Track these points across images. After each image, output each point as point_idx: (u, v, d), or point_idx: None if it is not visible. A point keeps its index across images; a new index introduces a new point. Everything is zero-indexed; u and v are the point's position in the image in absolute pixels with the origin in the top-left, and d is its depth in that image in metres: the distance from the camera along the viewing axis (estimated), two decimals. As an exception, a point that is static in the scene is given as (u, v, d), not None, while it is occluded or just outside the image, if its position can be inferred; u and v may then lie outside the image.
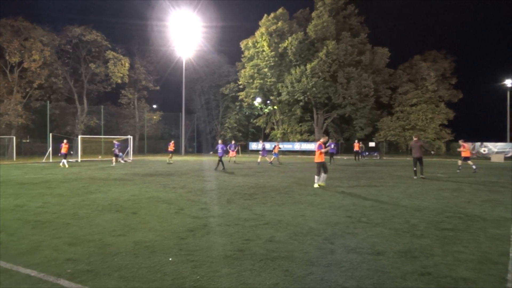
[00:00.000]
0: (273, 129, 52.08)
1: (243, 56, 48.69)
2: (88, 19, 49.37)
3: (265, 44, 45.19)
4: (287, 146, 46.77)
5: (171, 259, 4.56)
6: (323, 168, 12.10)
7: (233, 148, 27.61)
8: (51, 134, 32.14)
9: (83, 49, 42.66)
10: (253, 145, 50.79)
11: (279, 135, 48.82)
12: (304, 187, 12.09)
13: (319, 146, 12.17)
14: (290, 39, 43.94)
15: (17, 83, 37.28)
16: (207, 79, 53.38)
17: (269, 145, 36.29)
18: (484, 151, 40.08)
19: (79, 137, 32.35)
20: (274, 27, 45.35)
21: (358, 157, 32.02)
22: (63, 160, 22.71)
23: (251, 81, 47.13)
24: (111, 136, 33.94)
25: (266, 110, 51.81)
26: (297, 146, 46.63)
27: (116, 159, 25.48)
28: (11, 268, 4.24)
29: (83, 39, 41.78)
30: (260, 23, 47.06)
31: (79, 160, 29.76)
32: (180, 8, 44.79)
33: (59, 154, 24.17)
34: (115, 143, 26.12)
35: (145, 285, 3.75)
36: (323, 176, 12.14)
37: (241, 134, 55.16)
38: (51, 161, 28.19)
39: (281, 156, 34.29)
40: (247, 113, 53.76)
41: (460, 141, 20.84)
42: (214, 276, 4.00)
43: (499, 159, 33.97)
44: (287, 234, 5.85)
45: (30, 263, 4.37)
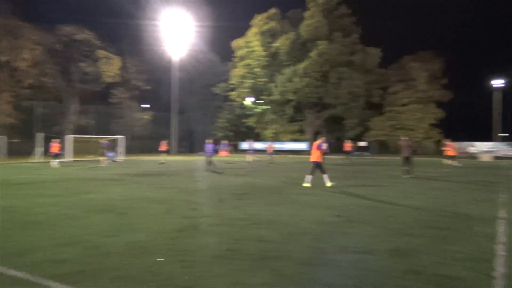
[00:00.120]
0: (264, 128, 52.14)
1: (235, 55, 48.70)
2: (79, 18, 48.98)
3: (257, 44, 45.26)
4: (278, 145, 46.86)
5: (162, 259, 4.55)
6: (320, 169, 12.07)
7: (225, 148, 27.59)
8: (39, 133, 31.79)
9: (74, 48, 42.26)
10: (245, 145, 50.85)
11: (270, 135, 48.87)
12: (295, 187, 12.13)
13: (319, 145, 12.17)
14: (282, 39, 44.05)
15: (6, 82, 36.81)
16: (198, 78, 53.27)
17: (261, 145, 36.28)
18: (473, 150, 40.58)
19: (67, 136, 32.01)
20: (266, 27, 45.45)
21: (349, 157, 32.16)
22: (54, 160, 22.50)
23: (243, 80, 47.14)
24: (102, 136, 33.67)
25: (257, 110, 51.88)
26: (289, 145, 46.76)
27: (104, 159, 25.21)
28: (0, 270, 4.19)
29: (74, 38, 41.41)
30: (252, 23, 47.12)
31: (67, 160, 29.47)
32: (171, 7, 44.69)
33: (49, 154, 23.93)
34: (103, 142, 25.90)
35: (137, 285, 3.74)
36: (325, 176, 12.07)
37: (232, 133, 55.15)
38: (42, 161, 27.91)
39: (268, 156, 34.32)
40: (239, 113, 53.75)
41: (445, 140, 21.13)
42: (204, 276, 4.00)
43: (488, 158, 34.43)
44: (278, 233, 5.86)
45: (20, 265, 4.32)
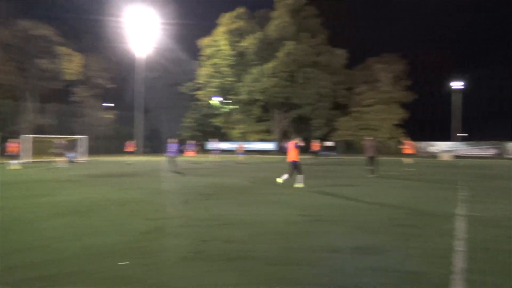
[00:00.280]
0: (231, 128, 52.04)
1: (202, 54, 48.33)
2: (39, 14, 46.93)
3: (225, 43, 45.11)
4: (245, 145, 46.87)
5: (126, 262, 4.43)
6: (297, 169, 12.08)
7: (192, 148, 27.33)
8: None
9: (31, 44, 40.54)
10: (212, 145, 50.58)
11: (237, 135, 48.85)
12: (264, 187, 12.16)
13: (295, 144, 12.20)
14: (249, 38, 44.13)
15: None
16: (165, 77, 52.50)
17: (228, 145, 36.15)
18: (433, 149, 42.23)
19: (25, 136, 30.68)
20: (233, 26, 45.38)
21: (317, 157, 32.63)
22: (12, 161, 21.57)
23: (210, 80, 46.88)
24: (62, 135, 32.52)
25: (224, 109, 51.72)
26: (256, 145, 46.87)
27: (62, 159, 24.26)
28: None
29: (31, 34, 39.74)
30: (219, 22, 46.92)
31: (25, 161, 28.22)
32: (136, 3, 43.76)
33: (6, 154, 22.87)
34: (59, 142, 24.96)
35: (97, 291, 3.63)
36: (300, 177, 12.01)
37: (199, 133, 54.69)
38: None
39: (236, 156, 34.32)
40: (206, 113, 53.39)
41: (404, 139, 21.88)
42: (170, 279, 3.93)
43: (448, 157, 35.90)
44: (245, 234, 5.85)
45: (-31, 272, 4.09)
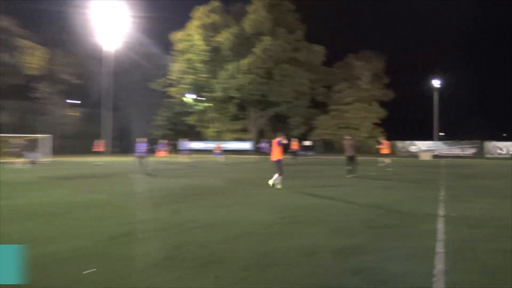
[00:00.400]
0: (205, 127, 51.79)
1: (174, 49, 47.83)
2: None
3: (198, 37, 44.77)
4: (220, 144, 46.72)
5: (93, 269, 4.33)
6: (278, 167, 12.00)
7: (163, 147, 27.05)
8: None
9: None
10: (182, 145, 50.10)
11: (212, 134, 48.65)
12: (239, 188, 12.15)
13: (278, 142, 12.18)
14: (224, 33, 43.97)
15: None
16: (135, 73, 51.63)
17: (202, 145, 35.92)
18: (413, 149, 43.20)
19: None
20: (208, 20, 45.11)
21: (295, 157, 32.79)
22: None
23: (183, 76, 46.49)
24: (22, 135, 31.54)
25: (198, 107, 51.39)
26: (231, 145, 46.79)
27: (21, 160, 23.49)
28: None
29: (-12, 25, 38.41)
30: (193, 15, 46.55)
31: None
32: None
33: None
34: (19, 142, 24.20)
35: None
36: (278, 177, 12.02)
37: (172, 132, 54.12)
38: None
39: (211, 156, 34.12)
40: (179, 110, 52.92)
41: (380, 139, 22.31)
42: (140, 286, 3.87)
43: (427, 157, 36.81)
44: (220, 238, 5.82)
45: None
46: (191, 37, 45.52)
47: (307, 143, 45.63)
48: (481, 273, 4.30)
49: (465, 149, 41.27)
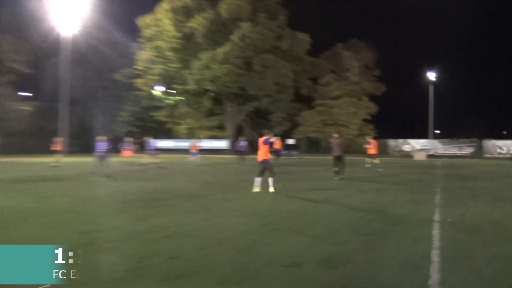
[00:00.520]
0: (176, 123, 51.46)
1: (141, 36, 47.31)
2: None
3: (169, 22, 44.39)
4: (200, 144, 46.56)
5: (46, 285, 4.24)
6: (268, 169, 12.08)
7: (129, 146, 26.74)
8: None
9: None
10: (148, 143, 49.62)
11: (183, 131, 48.37)
12: (213, 192, 12.10)
13: (265, 140, 12.16)
14: (198, 18, 43.73)
15: None
16: (95, 62, 50.88)
17: (172, 143, 35.61)
18: (407, 148, 43.92)
19: None
20: (179, 3, 44.78)
21: (277, 157, 32.86)
22: None
23: (151, 66, 46.06)
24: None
25: (168, 101, 51.00)
26: (206, 143, 46.61)
27: None
28: None
29: None
30: (162, -3, 46.15)
31: None
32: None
33: None
34: None
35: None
36: (259, 180, 12.05)
37: (138, 129, 53.57)
38: None
39: (184, 156, 34.00)
40: (146, 104, 52.43)
41: (367, 137, 22.61)
42: (101, 303, 3.81)
43: (421, 156, 37.48)
44: (192, 248, 5.78)
45: None
46: (160, 22, 45.08)
47: (290, 141, 45.80)
48: (480, 282, 4.38)
49: (462, 148, 42.19)
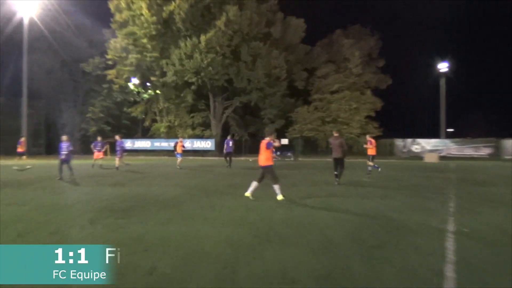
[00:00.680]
0: (155, 121, 51.27)
1: (113, 20, 47.06)
2: None
3: (144, 6, 44.19)
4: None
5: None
6: (272, 175, 12.00)
7: (100, 147, 26.58)
8: None
9: None
10: (128, 143, 49.44)
11: (163, 129, 48.21)
12: (197, 199, 12.08)
13: (268, 143, 12.14)
14: (177, 0, 43.60)
15: None
16: (60, 50, 50.54)
17: (146, 144, 35.31)
18: (416, 149, 44.14)
19: None
20: (156, -17, 44.60)
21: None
22: None
23: (125, 55, 45.84)
24: None
25: (145, 95, 50.77)
26: (188, 144, 46.53)
27: None
28: None
29: None
30: (136, -23, 45.94)
31: None
32: None
33: None
34: None
35: None
36: (255, 184, 12.07)
37: (110, 128, 53.30)
38: None
39: (166, 157, 33.89)
40: (119, 99, 52.18)
41: (367, 136, 22.67)
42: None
43: (432, 158, 37.65)
44: (174, 262, 5.79)
45: None
46: (135, 5, 44.83)
47: (283, 141, 45.79)
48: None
49: (479, 149, 42.49)
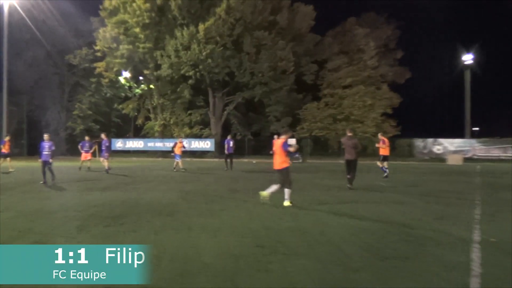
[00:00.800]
0: (148, 119, 51.32)
1: (102, 7, 47.11)
2: None
3: (136, -9, 44.28)
4: (170, 144, 46.44)
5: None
6: (286, 178, 12.04)
7: (88, 147, 26.64)
8: None
9: None
10: (119, 143, 49.52)
11: (157, 128, 48.25)
12: (195, 205, 12.07)
13: (284, 144, 12.15)
14: (174, -15, 43.63)
15: None
16: (43, 40, 50.61)
17: (139, 144, 35.37)
18: (438, 150, 43.93)
19: None
20: (149, -33, 44.62)
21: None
22: None
23: (115, 46, 45.88)
24: None
25: (137, 90, 50.82)
26: (185, 144, 46.51)
27: None
28: None
29: None
30: (128, -41, 45.97)
31: None
32: None
33: None
34: None
35: None
36: (287, 191, 12.02)
37: (99, 126, 53.39)
38: None
39: (161, 159, 33.89)
40: (109, 95, 52.25)
41: (379, 134, 22.56)
42: None
43: (457, 160, 37.38)
44: (169, 274, 5.80)
45: None
46: (126, -9, 44.97)
47: (291, 141, 45.66)
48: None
49: (508, 150, 42.26)
